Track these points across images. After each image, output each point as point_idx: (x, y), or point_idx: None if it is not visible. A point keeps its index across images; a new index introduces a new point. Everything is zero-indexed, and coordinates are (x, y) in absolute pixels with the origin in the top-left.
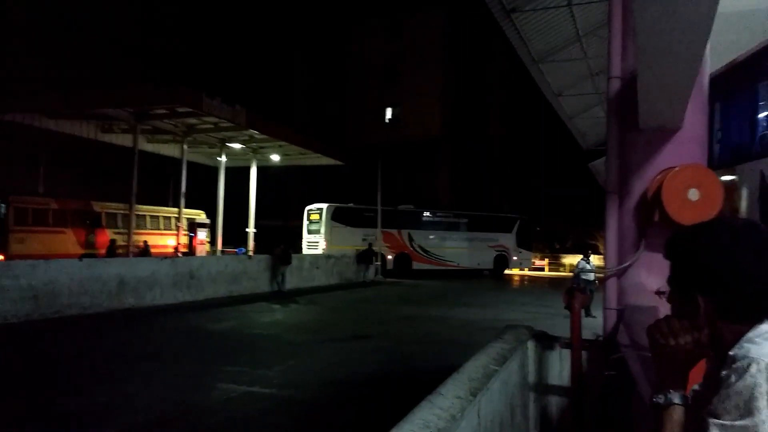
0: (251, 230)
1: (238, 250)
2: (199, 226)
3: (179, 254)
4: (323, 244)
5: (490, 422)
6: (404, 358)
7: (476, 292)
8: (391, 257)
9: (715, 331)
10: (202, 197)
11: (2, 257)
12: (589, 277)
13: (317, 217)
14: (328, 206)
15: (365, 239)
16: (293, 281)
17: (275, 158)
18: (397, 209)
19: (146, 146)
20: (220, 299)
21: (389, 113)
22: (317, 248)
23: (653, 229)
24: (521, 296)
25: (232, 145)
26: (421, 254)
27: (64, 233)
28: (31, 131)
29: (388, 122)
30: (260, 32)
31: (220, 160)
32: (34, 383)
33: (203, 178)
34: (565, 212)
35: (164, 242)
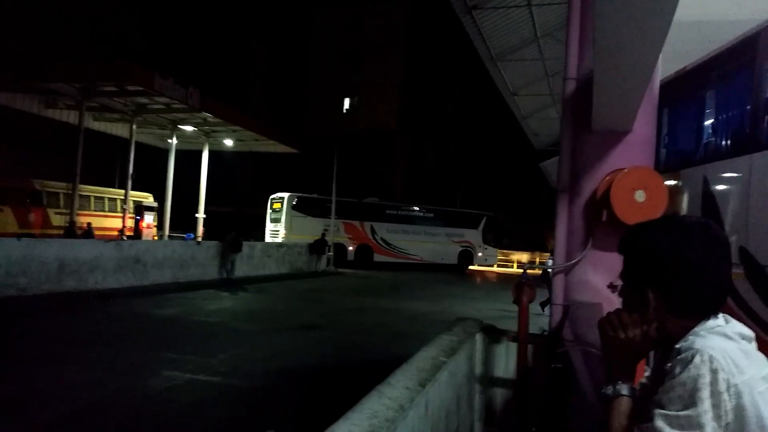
0: (201, 216)
1: (186, 235)
2: (146, 209)
3: (124, 237)
4: (283, 233)
5: (437, 413)
6: (353, 348)
7: (429, 285)
8: (352, 248)
9: (663, 324)
10: (150, 180)
11: None
12: None
13: (279, 206)
14: (289, 196)
15: (326, 230)
16: (243, 269)
17: (228, 143)
18: (360, 201)
19: (93, 124)
20: (166, 285)
21: (347, 103)
22: (278, 237)
23: (601, 228)
24: (472, 290)
25: (183, 127)
26: (383, 247)
27: (2, 211)
28: None
29: (345, 112)
30: (218, 15)
31: (170, 142)
32: None
33: (152, 160)
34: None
35: (109, 224)
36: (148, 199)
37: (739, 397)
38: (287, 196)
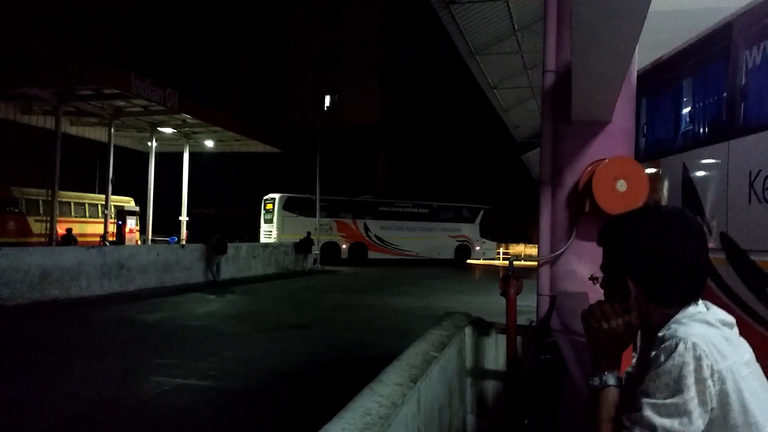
0: (184, 218)
1: (170, 239)
2: (128, 213)
3: (107, 243)
4: (275, 233)
5: (429, 408)
6: (344, 346)
7: (418, 280)
8: (345, 246)
9: (644, 313)
10: (131, 184)
11: None
12: None
13: (271, 206)
14: (280, 196)
15: (318, 229)
16: (229, 271)
17: (209, 144)
18: (352, 199)
19: (70, 129)
20: (151, 290)
21: (328, 100)
22: (271, 238)
23: (584, 218)
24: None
25: (163, 129)
26: (377, 244)
27: None
28: None
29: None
30: (195, 14)
31: (150, 145)
32: None
33: (132, 164)
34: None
35: (91, 230)
36: (129, 203)
37: (722, 382)
38: (278, 196)
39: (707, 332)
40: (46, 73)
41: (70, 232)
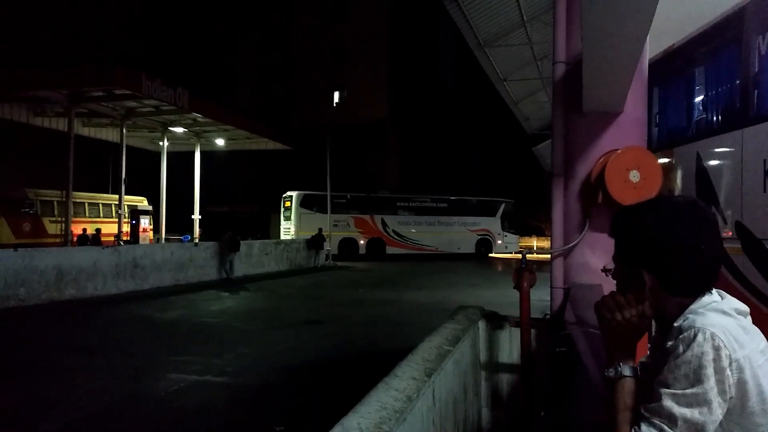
0: (197, 217)
1: (183, 237)
2: (141, 213)
3: (121, 243)
4: (293, 230)
5: (444, 401)
6: (358, 341)
7: (432, 274)
8: (363, 242)
9: (658, 303)
10: (144, 184)
11: None
12: None
13: (289, 204)
14: (297, 194)
15: (336, 225)
16: (242, 268)
17: (220, 143)
18: (369, 195)
19: (82, 130)
20: (166, 288)
21: (337, 96)
22: (290, 234)
23: (597, 210)
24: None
25: (174, 129)
26: (395, 239)
27: None
28: None
29: (335, 105)
30: (203, 12)
31: (162, 144)
32: None
33: (145, 163)
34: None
35: (105, 230)
36: (142, 202)
37: (740, 371)
38: (295, 194)
39: (724, 322)
40: (57, 75)
41: (98, 232)
